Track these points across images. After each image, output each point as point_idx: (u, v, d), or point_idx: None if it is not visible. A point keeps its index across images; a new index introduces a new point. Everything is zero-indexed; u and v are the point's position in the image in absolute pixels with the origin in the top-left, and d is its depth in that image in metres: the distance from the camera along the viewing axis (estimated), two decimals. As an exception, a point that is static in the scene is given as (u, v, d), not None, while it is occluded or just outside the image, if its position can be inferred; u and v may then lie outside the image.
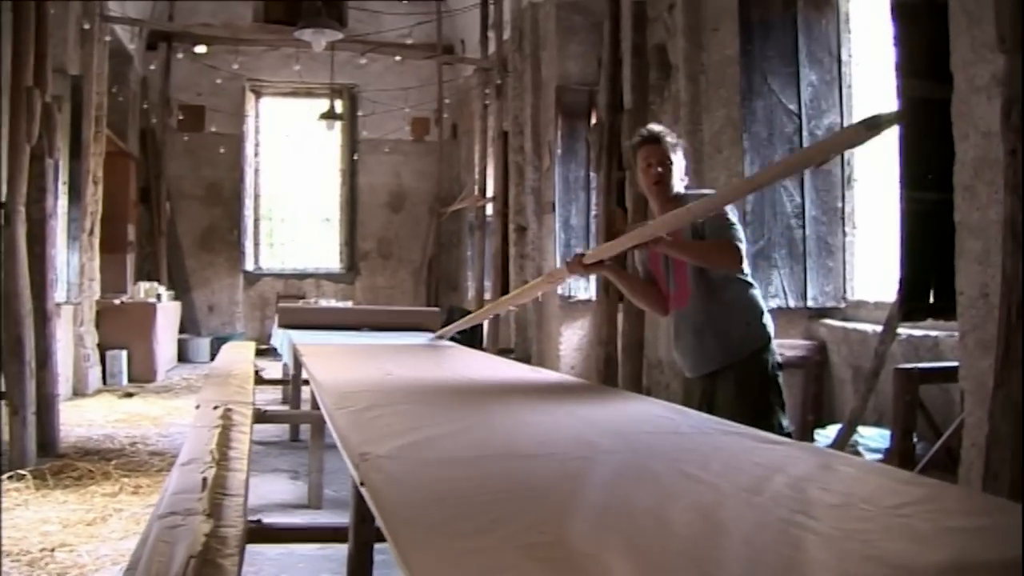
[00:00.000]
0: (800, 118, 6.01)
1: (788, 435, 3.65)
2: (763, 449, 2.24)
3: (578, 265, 4.11)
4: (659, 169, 3.98)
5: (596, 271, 4.27)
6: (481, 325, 11.55)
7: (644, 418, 2.88)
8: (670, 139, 4.05)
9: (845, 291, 6.09)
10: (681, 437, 2.47)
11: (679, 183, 4.06)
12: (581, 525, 1.62)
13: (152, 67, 14.83)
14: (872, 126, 3.16)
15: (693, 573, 1.46)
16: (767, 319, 4.05)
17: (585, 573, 1.43)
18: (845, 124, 6.11)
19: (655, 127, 4.16)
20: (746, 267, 4.02)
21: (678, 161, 4.04)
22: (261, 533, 3.34)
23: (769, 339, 4.01)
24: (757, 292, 4.10)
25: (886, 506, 1.70)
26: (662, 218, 3.85)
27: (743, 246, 3.91)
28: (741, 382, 3.89)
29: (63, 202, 8.93)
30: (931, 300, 4.45)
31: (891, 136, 4.52)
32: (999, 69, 3.21)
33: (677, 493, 1.83)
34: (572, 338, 9.63)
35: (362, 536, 3.06)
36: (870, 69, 6.07)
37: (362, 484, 2.04)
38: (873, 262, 6.01)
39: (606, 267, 4.21)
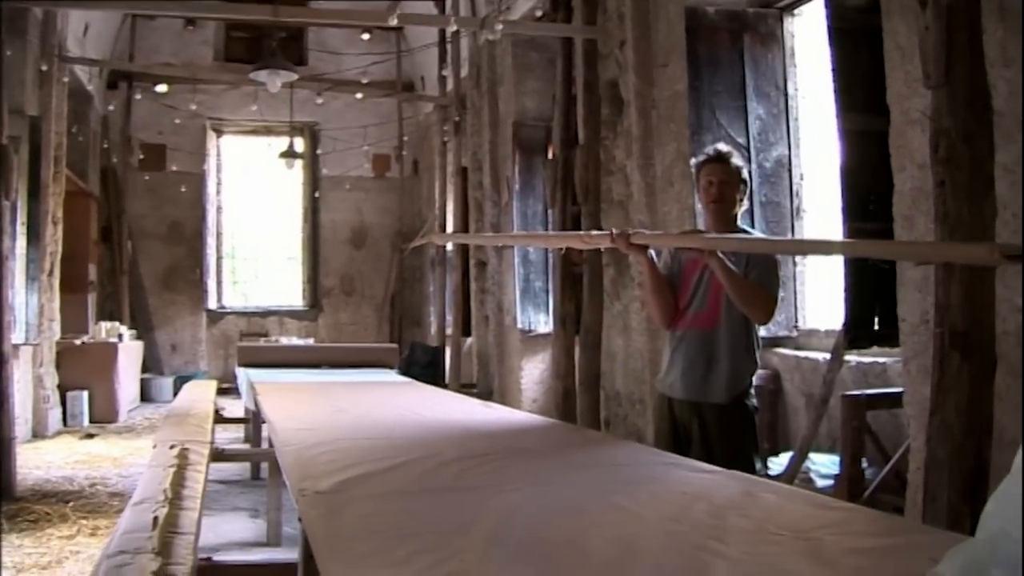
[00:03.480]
0: (749, 151, 6.10)
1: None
2: (693, 478, 2.29)
3: (624, 240, 3.97)
4: (719, 188, 3.95)
5: (637, 253, 4.07)
6: (443, 360, 11.57)
7: (583, 450, 2.92)
8: (736, 161, 4.02)
9: (797, 320, 6.18)
10: (615, 469, 2.51)
11: (740, 209, 4.04)
12: (501, 555, 1.67)
13: (112, 107, 14.78)
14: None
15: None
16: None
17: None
18: (792, 156, 6.24)
19: (722, 147, 4.09)
20: None
21: (741, 186, 4.01)
22: (211, 571, 3.36)
23: (753, 382, 4.02)
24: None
25: (797, 530, 1.75)
26: (725, 236, 3.77)
27: (776, 305, 3.90)
28: (726, 421, 3.86)
29: (21, 243, 8.89)
30: (875, 328, 4.56)
31: (834, 167, 4.65)
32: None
33: (600, 523, 1.87)
34: (533, 372, 9.68)
35: (310, 571, 3.06)
36: (816, 102, 6.20)
37: (299, 519, 2.08)
38: (823, 291, 6.11)
39: (646, 254, 4.04)
